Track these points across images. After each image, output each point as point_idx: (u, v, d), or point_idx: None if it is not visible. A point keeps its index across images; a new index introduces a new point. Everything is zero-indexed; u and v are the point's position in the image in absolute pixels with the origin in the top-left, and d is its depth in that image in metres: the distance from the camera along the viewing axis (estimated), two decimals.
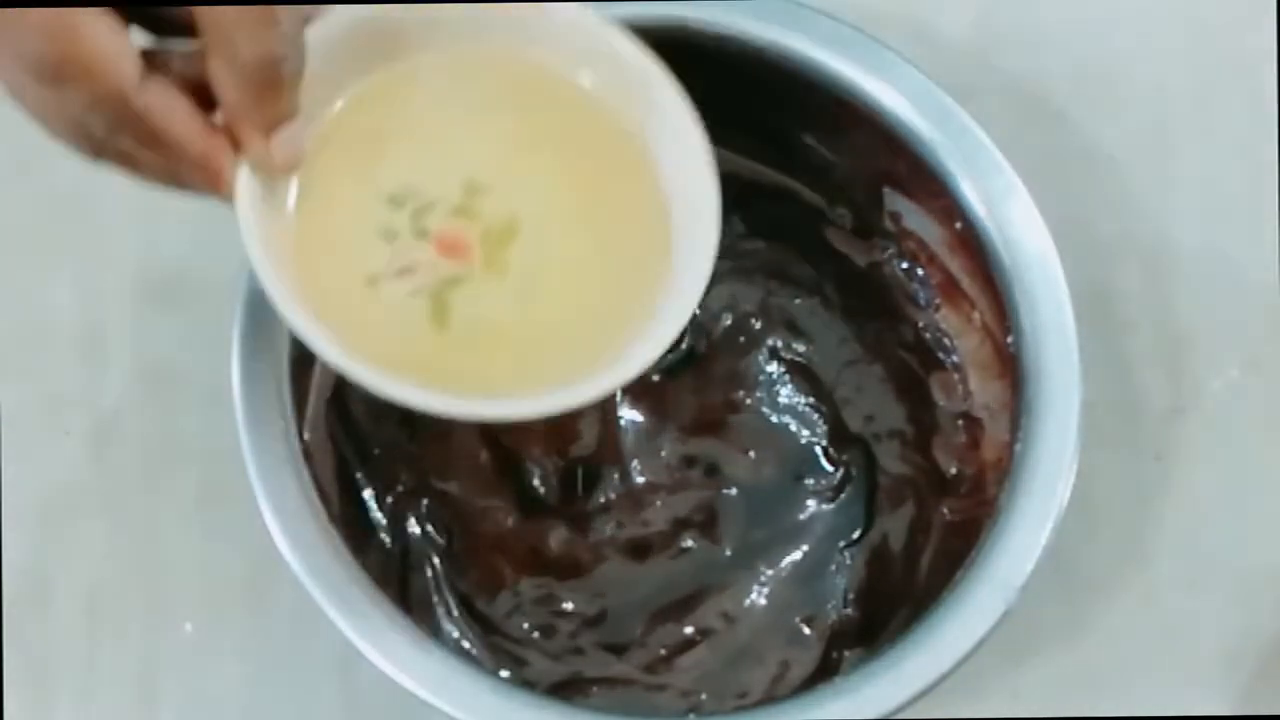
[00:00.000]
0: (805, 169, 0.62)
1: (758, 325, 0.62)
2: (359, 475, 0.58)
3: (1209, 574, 0.61)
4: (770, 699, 0.57)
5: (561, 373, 0.45)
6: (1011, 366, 0.56)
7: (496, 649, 0.58)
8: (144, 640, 0.59)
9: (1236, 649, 0.60)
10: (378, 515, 0.58)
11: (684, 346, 0.60)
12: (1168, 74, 0.66)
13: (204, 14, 0.41)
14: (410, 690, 0.50)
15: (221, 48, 0.42)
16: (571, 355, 0.46)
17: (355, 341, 0.44)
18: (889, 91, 0.56)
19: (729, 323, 0.62)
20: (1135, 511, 0.62)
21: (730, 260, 0.62)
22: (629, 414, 0.60)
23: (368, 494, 0.58)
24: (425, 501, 0.59)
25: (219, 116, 0.43)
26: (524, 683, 0.57)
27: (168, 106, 0.42)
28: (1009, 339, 0.56)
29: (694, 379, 0.61)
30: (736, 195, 0.62)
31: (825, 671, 0.57)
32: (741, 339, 0.61)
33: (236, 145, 0.43)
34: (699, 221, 0.47)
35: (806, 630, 0.58)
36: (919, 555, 0.59)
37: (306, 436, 0.54)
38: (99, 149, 0.43)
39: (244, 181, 0.43)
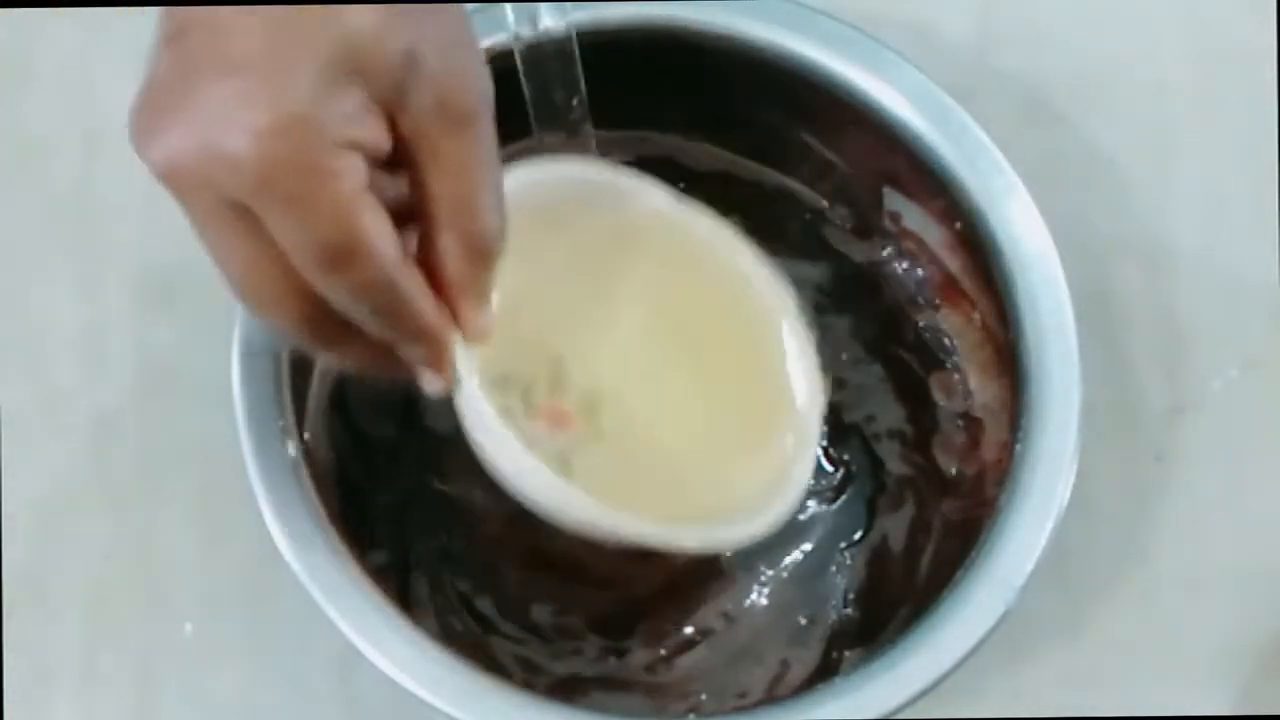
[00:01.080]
0: (805, 169, 0.62)
1: None
2: (359, 475, 0.58)
3: (1209, 574, 0.61)
4: (770, 699, 0.57)
5: (679, 524, 0.49)
6: (1011, 366, 0.56)
7: (496, 649, 0.57)
8: (144, 640, 0.59)
9: (1236, 649, 0.60)
10: (378, 515, 0.58)
11: None
12: (1168, 74, 0.66)
13: (438, 189, 0.40)
14: (410, 690, 0.50)
15: (456, 221, 0.41)
16: (679, 511, 0.49)
17: None
18: (889, 91, 0.56)
19: None
20: (1135, 511, 0.62)
21: None
22: None
23: (368, 494, 0.58)
24: (425, 502, 0.59)
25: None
26: (524, 683, 0.57)
27: (421, 288, 0.41)
28: (1009, 339, 0.56)
29: None
30: (736, 195, 0.62)
31: (825, 671, 0.57)
32: None
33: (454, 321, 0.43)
34: (811, 413, 0.51)
35: (807, 630, 0.58)
36: (919, 555, 0.59)
37: (306, 436, 0.53)
38: (333, 338, 0.42)
39: (465, 359, 0.43)
